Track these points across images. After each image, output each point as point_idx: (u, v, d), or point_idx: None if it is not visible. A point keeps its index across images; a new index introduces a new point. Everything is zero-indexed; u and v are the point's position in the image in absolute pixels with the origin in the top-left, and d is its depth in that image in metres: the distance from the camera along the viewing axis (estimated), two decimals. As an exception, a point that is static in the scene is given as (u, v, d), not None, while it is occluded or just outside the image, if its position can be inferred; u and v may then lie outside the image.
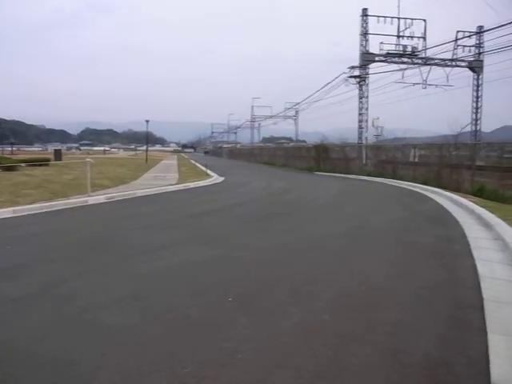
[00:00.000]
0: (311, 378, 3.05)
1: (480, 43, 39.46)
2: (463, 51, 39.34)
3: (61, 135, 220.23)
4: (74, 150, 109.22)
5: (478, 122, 42.29)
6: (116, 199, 14.05)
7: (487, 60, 39.66)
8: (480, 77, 41.49)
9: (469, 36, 38.14)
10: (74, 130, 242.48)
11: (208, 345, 3.53)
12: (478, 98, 42.17)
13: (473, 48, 39.83)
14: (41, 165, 25.03)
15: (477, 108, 42.32)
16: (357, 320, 4.11)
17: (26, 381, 3.00)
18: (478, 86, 41.94)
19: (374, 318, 4.18)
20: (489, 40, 33.27)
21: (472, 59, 39.97)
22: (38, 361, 3.25)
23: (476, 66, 40.48)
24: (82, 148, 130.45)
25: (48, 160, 27.91)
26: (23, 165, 23.72)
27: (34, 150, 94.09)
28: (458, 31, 38.05)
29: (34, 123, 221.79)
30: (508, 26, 22.27)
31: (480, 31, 38.55)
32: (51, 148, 73.75)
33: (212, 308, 4.39)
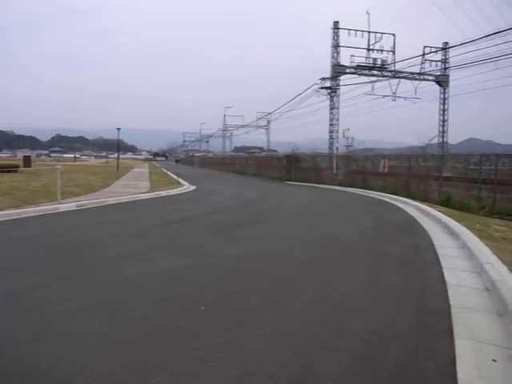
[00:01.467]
0: (283, 385, 3.07)
1: (446, 59, 40.80)
2: (430, 66, 40.66)
3: (30, 142, 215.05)
4: (43, 157, 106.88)
5: (445, 134, 43.60)
6: (87, 207, 13.82)
7: (453, 75, 41.01)
8: (446, 91, 42.88)
9: (435, 51, 39.41)
10: (44, 137, 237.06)
11: (179, 353, 3.51)
12: (444, 111, 43.49)
13: (439, 63, 41.12)
14: (9, 171, 24.39)
15: (443, 121, 43.61)
16: (328, 327, 4.16)
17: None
18: (444, 99, 43.29)
19: (345, 325, 4.23)
20: (454, 56, 34.41)
21: (438, 74, 41.29)
22: (5, 370, 3.16)
23: (442, 81, 41.83)
24: (52, 155, 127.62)
25: (17, 166, 27.23)
26: (-10, 170, 23.08)
27: (3, 156, 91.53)
28: (425, 46, 39.28)
29: (2, 129, 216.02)
30: (470, 43, 23.22)
31: (445, 47, 39.85)
32: (20, 154, 71.93)
33: (183, 316, 4.36)
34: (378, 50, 38.68)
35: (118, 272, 6.04)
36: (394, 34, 38.76)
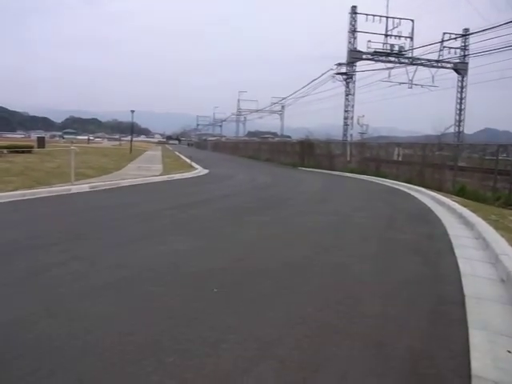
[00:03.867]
0: (295, 369, 3.06)
1: (465, 46, 40.02)
2: (449, 53, 39.94)
3: (44, 123, 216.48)
4: (57, 138, 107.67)
5: (461, 123, 42.93)
6: (100, 189, 13.90)
7: (472, 63, 40.23)
8: (464, 79, 42.13)
9: (454, 38, 38.66)
10: (57, 118, 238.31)
11: (192, 334, 3.52)
12: (461, 99, 42.80)
13: (458, 50, 40.36)
14: (23, 152, 24.63)
15: (460, 110, 42.96)
16: (340, 313, 4.14)
17: (8, 366, 2.95)
18: (462, 87, 42.57)
19: (358, 311, 4.21)
20: (474, 43, 33.72)
21: (457, 61, 40.56)
22: (20, 347, 3.21)
23: (461, 68, 41.08)
24: (65, 136, 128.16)
25: (31, 147, 27.49)
26: (5, 151, 23.30)
27: (17, 137, 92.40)
28: (444, 33, 38.55)
29: (17, 110, 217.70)
30: (492, 30, 22.68)
31: (465, 34, 39.05)
32: (34, 135, 72.56)
33: (196, 298, 4.38)
34: (395, 36, 38.12)
35: (131, 253, 6.08)
36: (412, 20, 38.17)
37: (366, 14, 37.95)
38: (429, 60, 38.59)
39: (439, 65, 39.94)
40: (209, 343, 3.38)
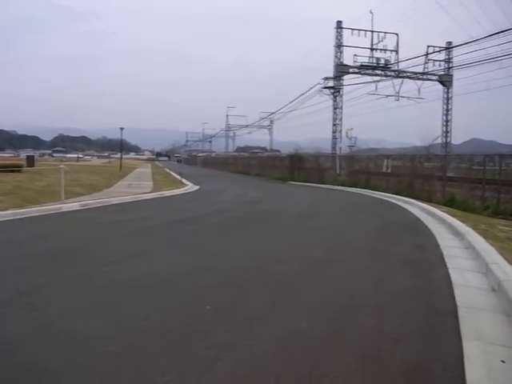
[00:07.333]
0: (291, 385, 3.06)
1: (449, 58, 40.70)
2: (434, 65, 40.60)
3: (33, 141, 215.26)
4: (46, 157, 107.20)
5: (448, 134, 43.50)
6: (90, 207, 13.84)
7: (456, 75, 40.94)
8: (450, 90, 42.79)
9: (439, 51, 39.34)
10: (46, 137, 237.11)
11: (187, 353, 3.50)
12: (447, 111, 43.40)
13: (442, 63, 41.07)
14: (13, 171, 24.41)
15: (447, 121, 43.54)
16: (335, 328, 4.14)
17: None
18: (447, 99, 43.22)
19: (352, 325, 4.22)
20: (458, 55, 34.39)
21: (442, 73, 41.21)
22: (13, 371, 3.16)
23: (446, 80, 41.76)
24: (55, 155, 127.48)
25: (20, 166, 27.24)
26: (-6, 170, 23.06)
27: (6, 156, 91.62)
28: (428, 46, 39.21)
29: (5, 128, 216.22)
30: (474, 43, 23.17)
31: (449, 47, 39.75)
32: (23, 154, 72.12)
33: (189, 316, 4.36)
34: (381, 50, 38.71)
35: (123, 272, 6.04)
36: (397, 34, 38.80)
37: (352, 29, 38.56)
38: (414, 73, 39.17)
39: (425, 77, 40.58)
40: (204, 361, 3.36)
